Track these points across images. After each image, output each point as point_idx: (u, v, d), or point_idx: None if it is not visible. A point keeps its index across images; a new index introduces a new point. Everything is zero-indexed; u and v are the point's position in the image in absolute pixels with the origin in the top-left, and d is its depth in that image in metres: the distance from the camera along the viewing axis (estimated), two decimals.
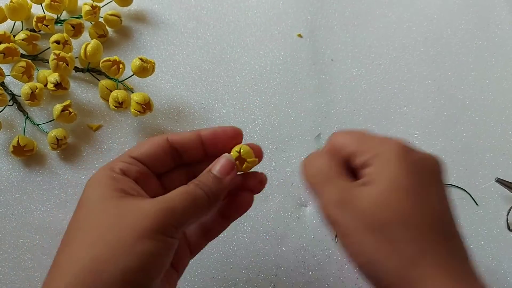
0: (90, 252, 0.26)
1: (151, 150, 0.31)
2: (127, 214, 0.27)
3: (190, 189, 0.29)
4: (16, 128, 0.46)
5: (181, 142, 0.32)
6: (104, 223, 0.27)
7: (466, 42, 0.54)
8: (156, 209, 0.27)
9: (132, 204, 0.28)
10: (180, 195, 0.28)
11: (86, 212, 0.29)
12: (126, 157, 0.31)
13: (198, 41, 0.51)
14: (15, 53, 0.44)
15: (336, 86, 0.51)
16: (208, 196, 0.29)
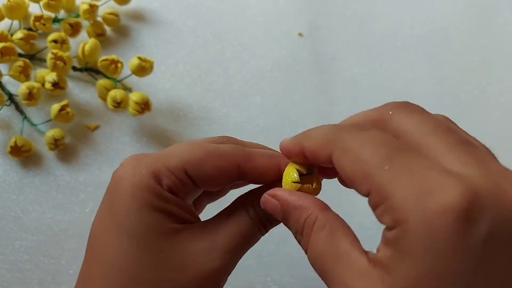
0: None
1: (215, 174, 0.24)
2: (184, 268, 0.23)
3: (251, 230, 0.25)
4: (14, 128, 0.45)
5: (253, 174, 0.25)
6: (152, 273, 0.22)
7: (469, 41, 0.54)
8: (218, 266, 0.23)
9: (189, 251, 0.23)
10: (240, 240, 0.24)
11: (127, 245, 0.23)
12: (179, 170, 0.23)
13: (198, 40, 0.51)
14: (13, 53, 0.44)
15: (337, 85, 0.50)
16: (265, 228, 0.26)
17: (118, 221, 0.23)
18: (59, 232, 0.42)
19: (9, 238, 0.42)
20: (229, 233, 0.24)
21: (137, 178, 0.23)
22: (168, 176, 0.23)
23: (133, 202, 0.23)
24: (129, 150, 0.45)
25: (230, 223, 0.25)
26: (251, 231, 0.25)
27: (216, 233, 0.24)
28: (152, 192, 0.23)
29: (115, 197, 0.24)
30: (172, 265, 0.23)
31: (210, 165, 0.24)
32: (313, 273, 0.43)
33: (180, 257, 0.23)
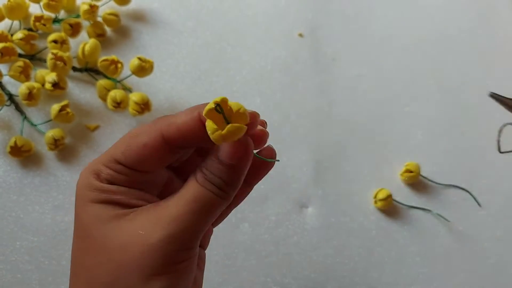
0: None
1: (142, 153, 0.24)
2: (125, 247, 0.22)
3: (201, 194, 0.23)
4: (14, 129, 0.45)
5: (180, 136, 0.24)
6: (99, 258, 0.23)
7: (468, 41, 0.54)
8: (158, 238, 0.22)
9: (131, 230, 0.23)
10: (187, 206, 0.23)
11: (79, 240, 0.24)
12: (110, 161, 0.24)
13: (198, 41, 0.51)
14: (13, 53, 0.44)
15: (337, 86, 0.50)
16: (224, 192, 0.23)
17: (75, 224, 0.25)
18: (60, 233, 0.42)
19: (10, 239, 0.41)
20: (175, 202, 0.23)
21: (80, 181, 0.24)
22: (104, 170, 0.24)
23: (79, 202, 0.24)
24: None
25: (177, 193, 0.23)
26: (200, 195, 0.23)
27: (163, 206, 0.23)
28: (90, 188, 0.24)
29: (75, 204, 0.25)
30: (113, 247, 0.22)
31: (134, 145, 0.24)
32: (314, 273, 0.43)
33: (122, 238, 0.22)
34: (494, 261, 0.44)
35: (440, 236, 0.44)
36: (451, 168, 0.47)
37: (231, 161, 0.23)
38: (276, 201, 0.45)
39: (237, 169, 0.23)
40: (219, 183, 0.23)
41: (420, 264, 0.43)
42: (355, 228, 0.44)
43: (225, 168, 0.23)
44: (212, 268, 0.42)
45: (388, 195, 0.44)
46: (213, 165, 0.23)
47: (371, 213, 0.45)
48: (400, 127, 0.49)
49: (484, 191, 0.47)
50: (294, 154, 0.47)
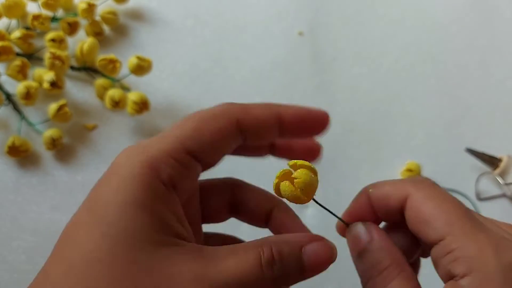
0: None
1: (215, 139, 0.21)
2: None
3: (256, 275, 0.19)
4: (11, 128, 0.45)
5: (254, 125, 0.22)
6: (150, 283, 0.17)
7: (470, 41, 0.54)
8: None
9: (168, 273, 0.18)
10: (237, 281, 0.18)
11: (95, 250, 0.18)
12: (180, 151, 0.20)
13: (196, 39, 0.51)
14: (11, 52, 0.44)
15: (337, 86, 0.50)
16: (274, 285, 0.20)
17: (94, 217, 0.19)
18: (57, 233, 0.42)
19: (7, 239, 0.41)
20: (228, 267, 0.18)
21: (128, 170, 0.19)
22: (169, 163, 0.19)
23: (116, 196, 0.19)
24: None
25: (233, 256, 0.19)
26: (255, 276, 0.19)
27: (211, 261, 0.19)
28: (143, 185, 0.19)
29: (98, 190, 0.20)
30: (144, 284, 0.17)
31: (207, 130, 0.21)
32: None
33: (157, 277, 0.18)
34: None
35: None
36: (451, 168, 0.47)
37: (309, 268, 0.20)
38: None
39: (305, 277, 0.20)
40: (280, 276, 0.19)
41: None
42: None
43: (298, 268, 0.20)
44: None
45: None
46: (289, 257, 0.20)
47: None
48: (400, 127, 0.49)
49: (482, 191, 0.46)
50: None
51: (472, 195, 0.46)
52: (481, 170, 0.47)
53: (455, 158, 0.47)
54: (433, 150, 0.48)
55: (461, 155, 0.48)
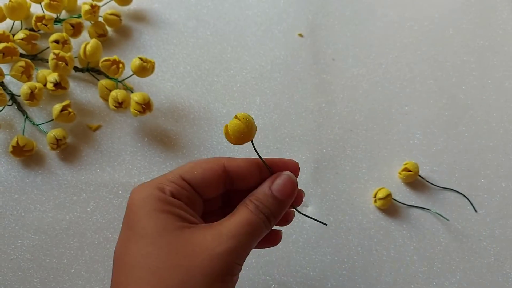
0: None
1: (206, 175, 0.29)
2: (193, 254, 0.26)
3: (253, 219, 0.27)
4: (16, 128, 0.46)
5: (238, 171, 0.30)
6: (167, 262, 0.25)
7: (468, 41, 0.54)
8: (223, 250, 0.26)
9: (197, 240, 0.26)
10: (243, 227, 0.27)
11: (143, 245, 0.26)
12: (177, 178, 0.28)
13: (198, 41, 0.51)
14: (15, 53, 0.44)
15: (337, 86, 0.51)
16: (269, 221, 0.28)
17: (133, 230, 0.27)
18: (61, 231, 0.42)
19: (11, 237, 0.42)
20: (233, 223, 0.27)
21: (144, 193, 0.27)
22: (169, 185, 0.28)
23: (142, 210, 0.27)
24: (130, 150, 0.46)
25: (232, 217, 0.28)
26: (252, 221, 0.27)
27: (220, 225, 0.27)
28: (156, 198, 0.27)
29: (129, 214, 0.27)
30: (182, 254, 0.25)
31: (200, 168, 0.29)
32: (313, 272, 0.44)
33: (189, 246, 0.26)
34: (492, 260, 0.44)
35: (438, 235, 0.45)
36: (449, 168, 0.48)
37: (283, 197, 0.28)
38: None
39: (284, 205, 0.29)
40: (268, 214, 0.28)
41: (418, 263, 0.44)
42: (354, 227, 0.45)
43: (276, 202, 0.28)
44: None
45: (387, 194, 0.44)
46: (266, 198, 0.28)
47: (370, 212, 0.45)
48: (398, 127, 0.49)
49: (482, 190, 0.47)
50: (294, 153, 0.47)
51: (472, 191, 0.47)
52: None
53: (453, 158, 0.48)
54: (431, 150, 0.48)
55: (459, 155, 0.48)
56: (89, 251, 0.42)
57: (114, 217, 0.43)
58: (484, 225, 0.45)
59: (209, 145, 0.47)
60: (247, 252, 0.27)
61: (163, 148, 0.46)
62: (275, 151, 0.47)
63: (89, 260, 0.42)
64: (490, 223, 0.46)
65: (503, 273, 0.44)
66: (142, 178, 0.45)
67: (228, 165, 0.29)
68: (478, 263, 0.44)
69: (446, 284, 0.43)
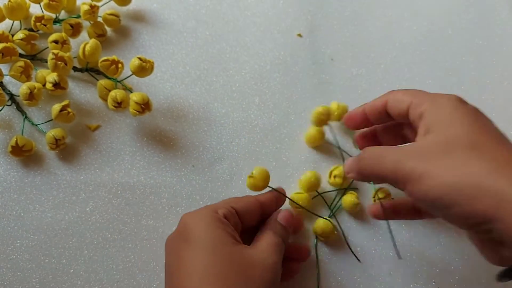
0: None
1: (248, 206, 0.37)
2: (252, 265, 0.32)
3: (277, 239, 0.35)
4: (15, 128, 0.46)
5: (265, 206, 0.38)
6: (230, 270, 0.31)
7: (467, 41, 0.54)
8: (273, 261, 0.33)
9: (250, 254, 0.32)
10: (274, 246, 0.34)
11: (204, 254, 0.31)
12: (227, 205, 0.35)
13: (197, 41, 0.51)
14: (14, 53, 0.44)
15: (336, 86, 0.51)
16: (283, 240, 0.36)
17: (191, 242, 0.32)
18: (60, 231, 0.42)
19: (10, 237, 0.42)
20: (267, 244, 0.35)
21: (201, 213, 0.34)
22: (222, 209, 0.35)
23: (199, 226, 0.33)
24: (130, 150, 0.46)
25: (263, 239, 0.35)
26: (277, 241, 0.35)
27: (260, 246, 0.34)
28: (212, 217, 0.33)
29: (186, 229, 0.33)
30: (242, 264, 0.31)
31: (243, 201, 0.37)
32: (312, 271, 0.43)
33: (246, 259, 0.32)
34: None
35: (438, 235, 0.45)
36: None
37: (286, 224, 0.38)
38: None
39: (288, 228, 0.38)
40: (282, 235, 0.36)
41: (418, 263, 0.44)
42: (354, 227, 0.45)
43: (282, 228, 0.37)
44: None
45: (387, 194, 0.44)
46: (277, 225, 0.37)
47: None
48: None
49: None
50: (293, 153, 0.47)
51: None
52: None
53: None
54: None
55: None
56: (88, 251, 0.42)
57: (113, 217, 0.43)
58: None
59: (208, 145, 0.47)
60: (281, 262, 0.35)
61: (162, 148, 0.46)
62: (274, 151, 0.47)
63: (88, 260, 0.42)
64: None
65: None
66: (141, 178, 0.45)
67: (261, 201, 0.38)
68: (478, 263, 0.44)
69: (446, 284, 0.43)
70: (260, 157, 0.47)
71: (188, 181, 0.45)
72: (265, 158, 0.47)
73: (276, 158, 0.47)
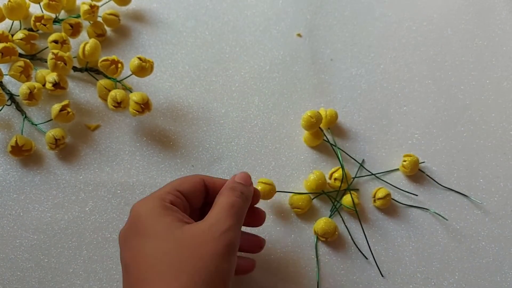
0: (178, 285, 0.29)
1: (192, 187, 0.36)
2: (205, 242, 0.31)
3: (232, 200, 0.34)
4: (14, 128, 0.46)
5: (212, 186, 0.37)
6: (182, 255, 0.30)
7: (466, 41, 0.54)
8: (223, 230, 0.32)
9: (199, 231, 0.31)
10: (229, 209, 0.33)
11: (158, 244, 0.31)
12: (173, 190, 0.35)
13: (197, 40, 0.51)
14: (13, 53, 0.44)
15: (335, 86, 0.51)
16: (245, 197, 0.35)
17: (144, 235, 0.32)
18: (59, 231, 0.42)
19: (10, 237, 0.42)
20: (220, 210, 0.33)
21: (149, 204, 0.33)
22: (168, 195, 0.34)
23: (150, 217, 0.32)
24: (129, 149, 0.46)
25: (216, 206, 0.34)
26: (233, 201, 0.34)
27: (211, 216, 0.33)
28: (160, 207, 0.33)
29: (137, 223, 0.33)
30: (192, 245, 0.31)
31: (187, 182, 0.36)
32: (312, 271, 0.43)
33: (196, 238, 0.31)
34: (491, 260, 0.44)
35: (437, 235, 0.45)
36: (448, 168, 0.48)
37: (245, 182, 0.37)
38: (275, 200, 0.45)
39: (248, 188, 0.37)
40: (241, 191, 0.35)
41: (417, 263, 0.44)
42: (354, 227, 0.45)
43: (241, 185, 0.36)
44: None
45: (386, 194, 0.44)
46: (234, 184, 0.36)
47: (369, 211, 0.45)
48: (397, 127, 0.49)
49: (480, 190, 0.47)
50: (292, 153, 0.47)
51: (471, 191, 0.47)
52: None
53: (452, 158, 0.48)
54: (430, 150, 0.48)
55: (458, 155, 0.48)
56: (87, 250, 0.42)
57: (113, 217, 0.43)
58: (483, 225, 0.45)
59: (207, 145, 0.47)
60: (239, 228, 0.34)
61: (162, 148, 0.46)
62: (273, 151, 0.47)
63: (87, 259, 0.42)
64: (488, 223, 0.46)
65: (501, 273, 0.44)
66: (140, 178, 0.45)
67: (206, 181, 0.37)
68: (476, 263, 0.44)
69: (445, 284, 0.43)
70: (259, 157, 0.47)
71: None
72: (264, 158, 0.47)
73: (275, 158, 0.47)
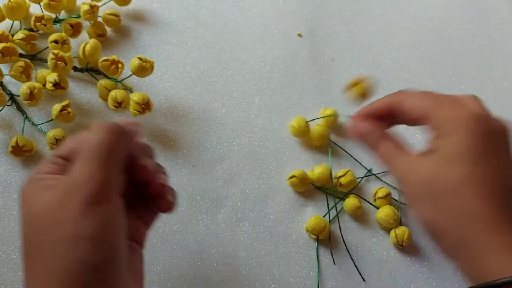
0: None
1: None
2: (68, 196, 0.26)
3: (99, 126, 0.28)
4: (15, 128, 0.45)
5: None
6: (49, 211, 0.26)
7: (467, 41, 0.54)
8: (90, 178, 0.26)
9: (68, 184, 0.26)
10: (92, 153, 0.27)
11: (37, 226, 0.27)
12: (52, 157, 0.29)
13: (197, 41, 0.51)
14: (14, 53, 0.44)
15: (336, 86, 0.51)
16: (116, 140, 0.29)
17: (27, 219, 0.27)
18: None
19: (11, 237, 0.42)
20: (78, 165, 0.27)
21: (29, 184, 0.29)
22: (45, 168, 0.28)
23: (31, 199, 0.28)
24: None
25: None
26: (101, 135, 0.28)
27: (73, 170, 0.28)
28: (38, 186, 0.28)
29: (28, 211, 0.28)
30: (43, 223, 0.26)
31: (72, 142, 0.30)
32: (313, 272, 0.43)
33: (62, 190, 0.27)
34: None
35: None
36: None
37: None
38: (276, 201, 0.45)
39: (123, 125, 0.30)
40: (108, 131, 0.28)
41: (419, 263, 0.44)
42: (354, 227, 0.45)
43: (112, 123, 0.29)
44: (211, 266, 0.42)
45: (387, 193, 0.44)
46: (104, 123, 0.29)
47: (370, 211, 0.45)
48: (398, 127, 0.49)
49: None
50: (293, 153, 0.47)
51: None
52: None
53: None
54: None
55: None
56: None
57: None
58: None
59: (208, 145, 0.47)
60: (117, 156, 0.28)
61: (162, 148, 0.46)
62: (274, 151, 0.47)
63: None
64: None
65: None
66: None
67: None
68: None
69: (446, 285, 0.43)
70: (260, 157, 0.47)
71: (188, 181, 0.45)
72: (265, 158, 0.47)
73: (276, 158, 0.47)
